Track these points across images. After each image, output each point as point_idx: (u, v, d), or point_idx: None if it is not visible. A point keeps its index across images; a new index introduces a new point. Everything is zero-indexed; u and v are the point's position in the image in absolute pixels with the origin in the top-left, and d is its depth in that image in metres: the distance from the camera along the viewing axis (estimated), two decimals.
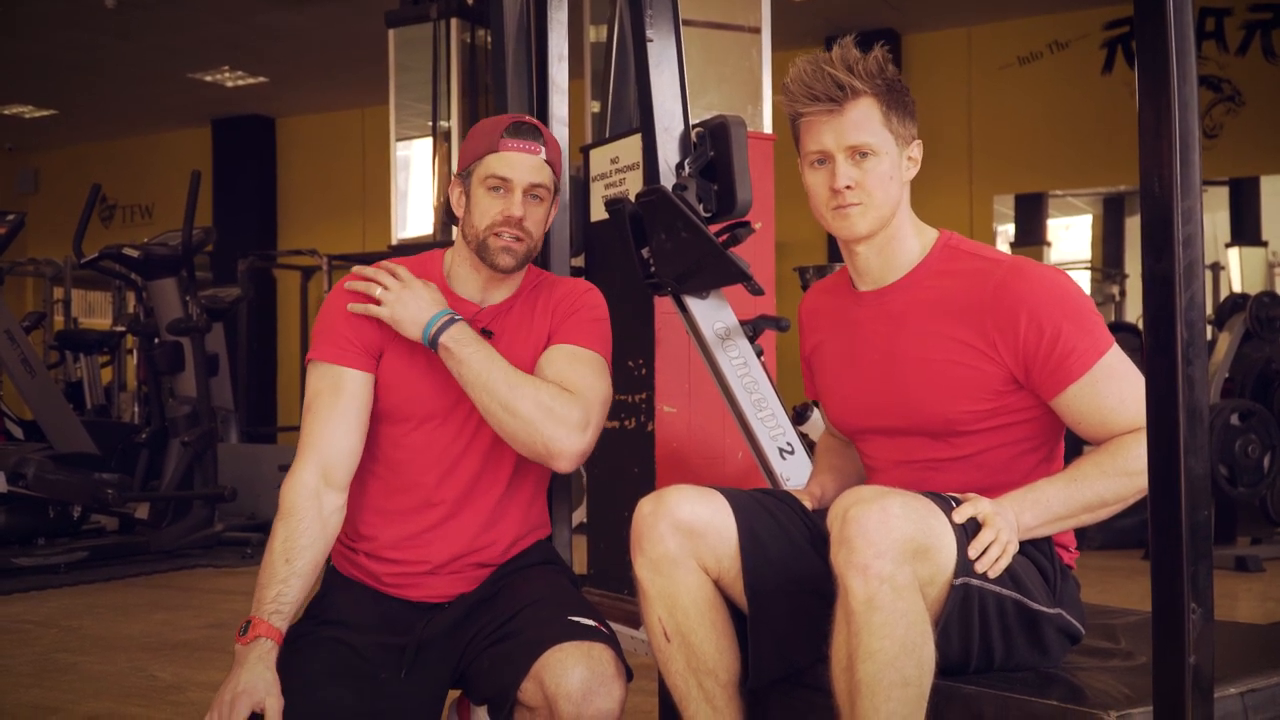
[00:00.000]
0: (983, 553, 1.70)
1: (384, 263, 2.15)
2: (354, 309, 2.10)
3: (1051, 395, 1.83)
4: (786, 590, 1.85)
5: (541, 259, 2.68)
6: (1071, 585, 1.89)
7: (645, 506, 1.88)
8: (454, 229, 2.22)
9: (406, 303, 2.07)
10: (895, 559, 1.60)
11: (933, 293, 1.91)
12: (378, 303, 2.08)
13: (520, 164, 2.11)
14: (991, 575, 1.71)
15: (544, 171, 2.14)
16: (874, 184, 1.88)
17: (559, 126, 2.65)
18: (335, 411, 2.10)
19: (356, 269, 2.15)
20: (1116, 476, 1.77)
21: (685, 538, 1.85)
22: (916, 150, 1.93)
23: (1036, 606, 1.78)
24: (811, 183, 1.92)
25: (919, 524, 1.63)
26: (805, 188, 1.94)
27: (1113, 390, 1.79)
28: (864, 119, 1.86)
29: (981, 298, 1.85)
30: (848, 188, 1.87)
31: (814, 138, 1.89)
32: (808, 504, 2.01)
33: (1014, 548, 1.73)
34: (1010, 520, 1.74)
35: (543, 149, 2.13)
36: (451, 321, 2.05)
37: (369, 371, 2.13)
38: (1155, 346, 1.34)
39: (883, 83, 1.87)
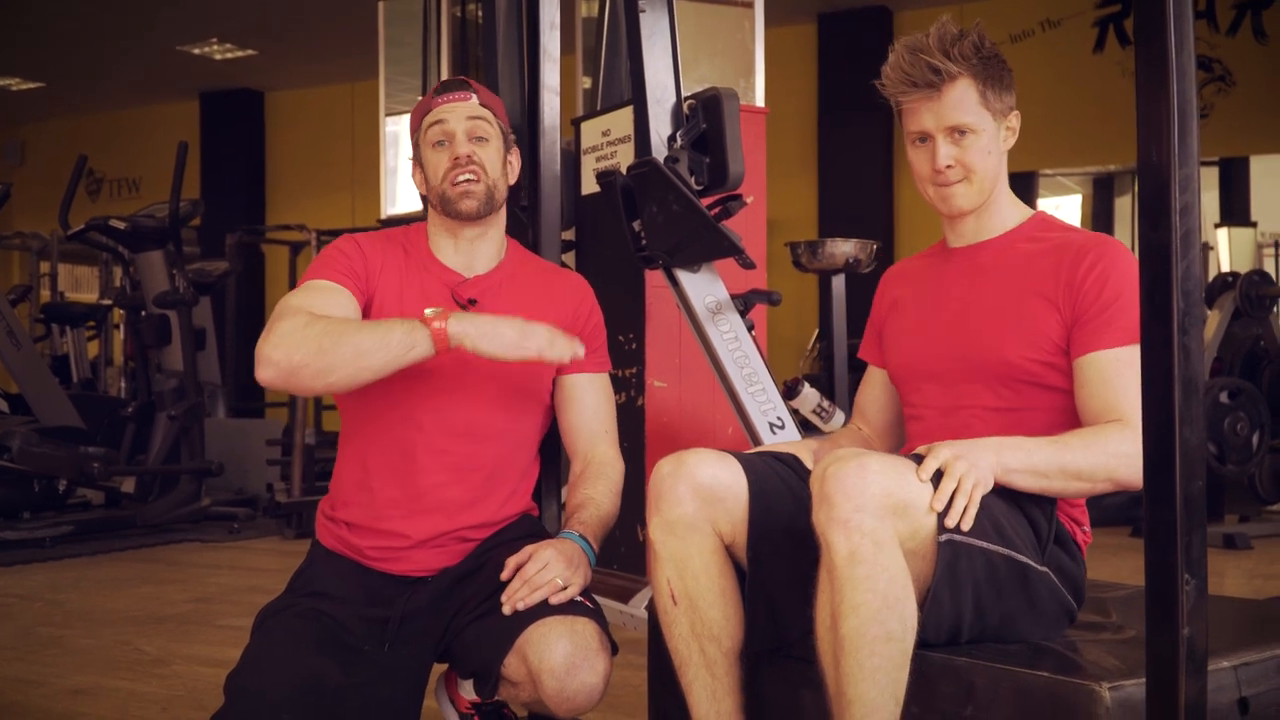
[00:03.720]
0: (950, 505, 1.68)
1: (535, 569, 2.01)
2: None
3: (1080, 352, 1.87)
4: (786, 554, 1.85)
5: (532, 233, 2.65)
6: (1069, 556, 1.87)
7: (665, 467, 1.89)
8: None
9: (576, 568, 2.03)
10: (875, 513, 1.60)
11: (1021, 253, 1.99)
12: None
13: (453, 110, 2.17)
14: (964, 526, 1.69)
15: (480, 111, 2.18)
16: (974, 159, 1.97)
17: (551, 96, 2.61)
18: (328, 293, 2.07)
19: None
20: (1099, 453, 1.78)
21: (704, 502, 1.86)
22: (1015, 120, 2.01)
23: (1023, 559, 1.76)
24: (914, 159, 2.02)
25: (897, 480, 1.64)
26: (909, 162, 2.04)
27: (1127, 378, 1.81)
28: (961, 100, 1.94)
29: (1065, 257, 1.93)
30: (949, 167, 1.96)
31: (915, 119, 1.98)
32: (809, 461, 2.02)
33: (984, 488, 1.71)
34: (976, 461, 1.72)
35: (474, 95, 2.18)
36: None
37: (359, 299, 2.11)
38: (1152, 315, 1.33)
39: (978, 62, 1.94)
